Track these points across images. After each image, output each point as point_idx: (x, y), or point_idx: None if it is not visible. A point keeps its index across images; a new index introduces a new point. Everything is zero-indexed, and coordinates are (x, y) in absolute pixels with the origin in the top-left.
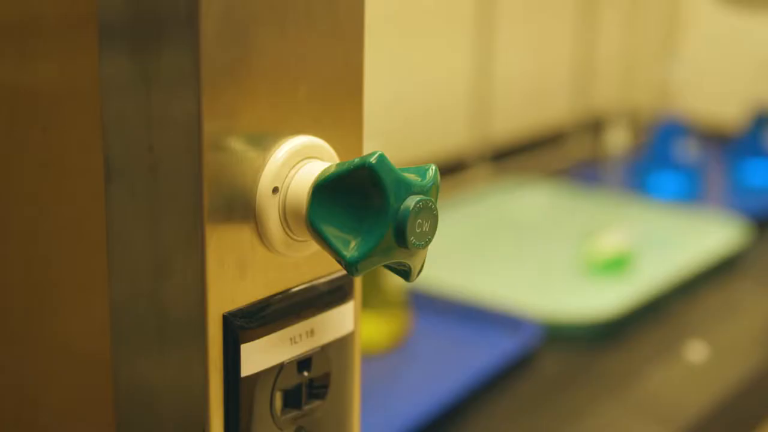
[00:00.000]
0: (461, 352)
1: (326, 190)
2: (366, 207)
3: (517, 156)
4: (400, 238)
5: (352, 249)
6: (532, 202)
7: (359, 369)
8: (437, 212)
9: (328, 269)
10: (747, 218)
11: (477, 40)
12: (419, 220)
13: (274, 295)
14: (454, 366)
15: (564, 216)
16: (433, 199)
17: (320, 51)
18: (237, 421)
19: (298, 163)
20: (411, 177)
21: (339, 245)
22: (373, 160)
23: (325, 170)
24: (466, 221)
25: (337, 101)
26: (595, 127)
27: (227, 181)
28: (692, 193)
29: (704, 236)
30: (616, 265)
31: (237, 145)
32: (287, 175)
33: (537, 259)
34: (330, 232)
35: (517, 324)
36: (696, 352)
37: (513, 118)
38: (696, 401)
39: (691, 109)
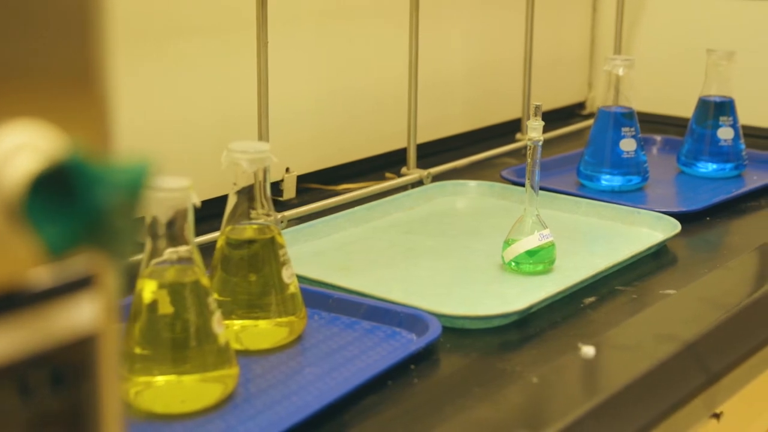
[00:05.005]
0: (361, 350)
1: (34, 183)
2: (67, 201)
3: (449, 154)
4: (98, 232)
5: (51, 240)
6: (462, 201)
7: (116, 362)
8: (138, 208)
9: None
10: (686, 214)
11: (410, 38)
12: (117, 215)
13: None
14: (352, 364)
15: (493, 214)
16: (134, 196)
17: (47, 47)
18: None
19: (12, 155)
20: (113, 173)
21: (40, 236)
22: (70, 156)
23: (35, 164)
24: (395, 220)
25: (70, 96)
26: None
27: None
28: (632, 188)
29: (634, 234)
30: (536, 263)
31: None
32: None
33: (459, 258)
34: (35, 223)
35: (421, 322)
36: (589, 351)
37: (447, 117)
38: (583, 401)
39: (636, 104)
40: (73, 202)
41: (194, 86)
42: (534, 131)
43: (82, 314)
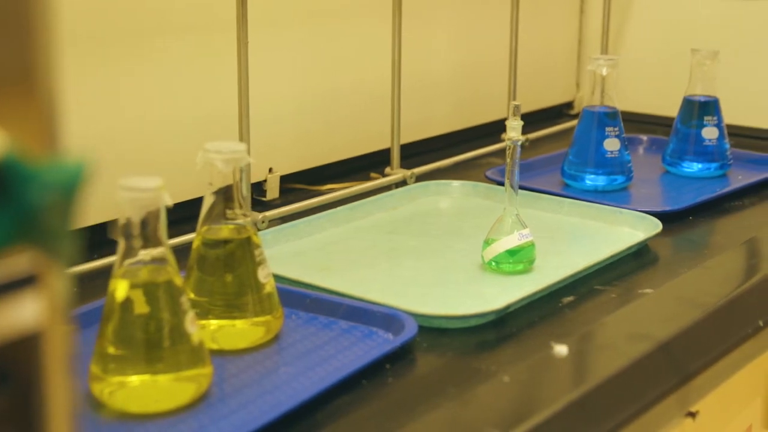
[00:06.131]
0: (337, 350)
1: None
2: (2, 199)
3: (435, 154)
4: (33, 230)
5: None
6: (445, 201)
7: (65, 362)
8: (71, 208)
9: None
10: (669, 214)
11: (393, 38)
12: (52, 214)
13: None
14: (327, 363)
15: (477, 214)
16: (69, 195)
17: None
18: None
19: None
20: (49, 172)
21: None
22: (5, 154)
23: None
24: (378, 221)
25: (11, 95)
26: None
27: None
28: (616, 188)
29: (616, 234)
30: (516, 262)
31: None
32: None
33: (440, 258)
34: None
35: (397, 321)
36: (562, 350)
37: (433, 117)
38: (554, 400)
39: (622, 104)
40: (7, 200)
41: (177, 87)
42: (513, 131)
43: (25, 313)
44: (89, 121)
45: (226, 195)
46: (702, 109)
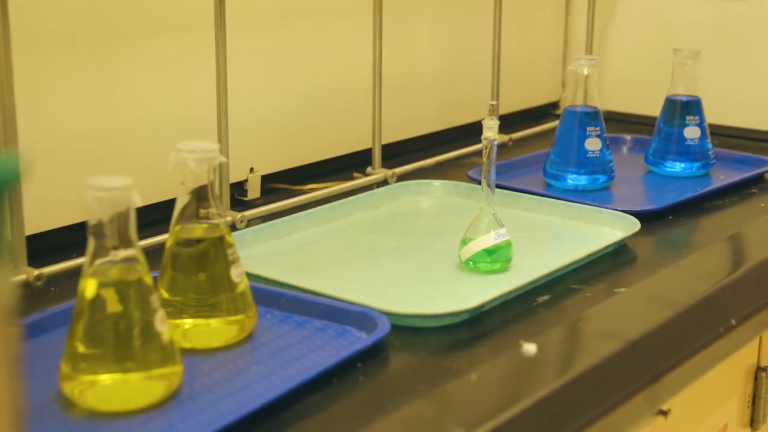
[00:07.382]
0: (310, 349)
1: None
2: None
3: (418, 154)
4: None
5: None
6: (426, 201)
7: (9, 365)
8: (3, 207)
9: None
10: (648, 213)
11: (374, 38)
12: None
13: None
14: (299, 362)
15: (457, 214)
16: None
17: None
18: None
19: None
20: None
21: None
22: None
23: None
24: (358, 220)
25: None
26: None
27: None
28: (598, 187)
29: (595, 233)
30: (493, 261)
31: None
32: None
33: (419, 257)
34: None
35: (370, 320)
36: (531, 348)
37: (417, 117)
38: (521, 398)
39: (605, 103)
40: None
41: (160, 88)
42: (489, 130)
43: None
44: (69, 121)
45: (199, 194)
46: (684, 108)
